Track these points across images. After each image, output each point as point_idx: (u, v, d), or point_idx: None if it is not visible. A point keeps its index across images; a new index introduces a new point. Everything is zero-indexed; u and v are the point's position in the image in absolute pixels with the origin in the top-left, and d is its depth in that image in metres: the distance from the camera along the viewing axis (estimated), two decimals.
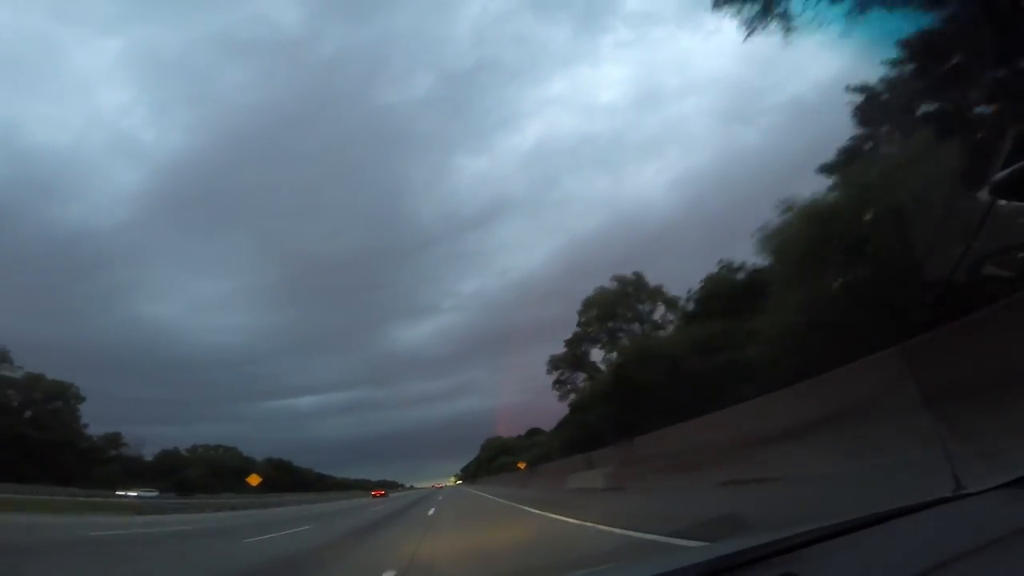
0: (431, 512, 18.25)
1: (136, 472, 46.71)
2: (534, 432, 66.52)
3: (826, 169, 12.40)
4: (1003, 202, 1.43)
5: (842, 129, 11.71)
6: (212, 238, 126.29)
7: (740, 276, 20.04)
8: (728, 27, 9.86)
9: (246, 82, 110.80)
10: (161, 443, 62.30)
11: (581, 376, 32.72)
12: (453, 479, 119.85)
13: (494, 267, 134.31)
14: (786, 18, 9.34)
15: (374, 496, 73.32)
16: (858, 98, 11.23)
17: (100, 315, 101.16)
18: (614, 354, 26.88)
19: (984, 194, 1.59)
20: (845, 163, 11.64)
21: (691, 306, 23.87)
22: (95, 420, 46.69)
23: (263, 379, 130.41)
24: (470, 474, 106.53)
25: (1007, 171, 1.26)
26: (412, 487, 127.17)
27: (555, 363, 34.11)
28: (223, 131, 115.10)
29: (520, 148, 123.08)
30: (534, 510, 12.93)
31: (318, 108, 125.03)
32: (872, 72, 10.49)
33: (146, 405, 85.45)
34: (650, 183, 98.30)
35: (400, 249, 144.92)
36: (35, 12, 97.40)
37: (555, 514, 10.76)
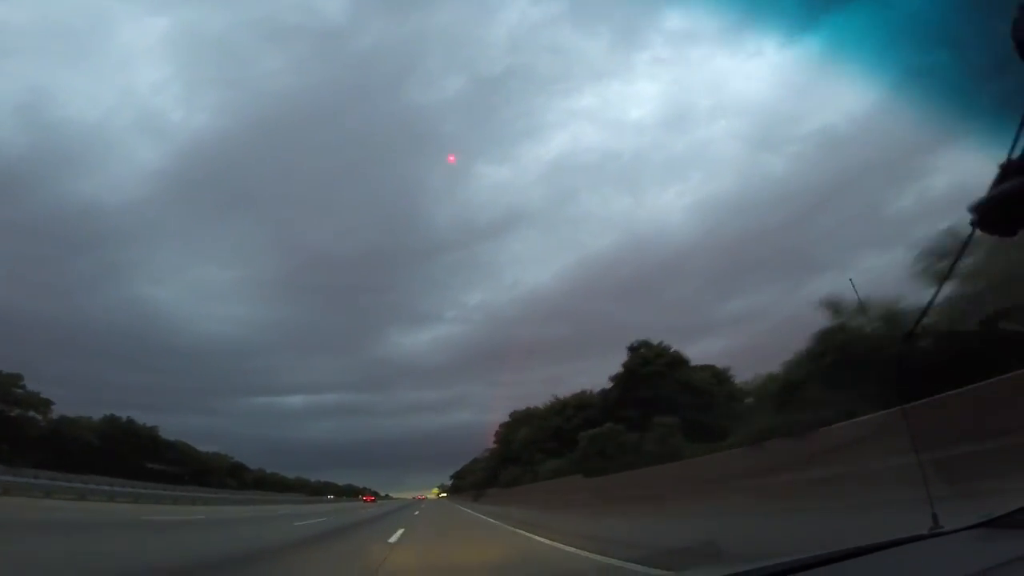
0: None
1: None
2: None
3: None
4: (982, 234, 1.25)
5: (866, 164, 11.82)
6: (221, 225, 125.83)
7: None
8: (768, 49, 9.97)
9: (279, 69, 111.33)
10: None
11: None
12: (436, 491, 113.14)
13: (502, 280, 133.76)
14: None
15: (365, 501, 75.12)
16: None
17: (96, 292, 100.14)
18: None
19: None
20: None
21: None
22: (63, 402, 43.08)
23: (254, 374, 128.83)
24: (472, 483, 60.99)
25: (984, 198, 1.17)
26: (388, 496, 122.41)
27: None
28: (248, 117, 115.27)
29: (542, 159, 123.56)
30: None
31: (345, 101, 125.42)
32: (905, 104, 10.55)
33: (127, 388, 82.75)
34: (668, 206, 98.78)
35: (410, 253, 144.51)
36: None
37: None
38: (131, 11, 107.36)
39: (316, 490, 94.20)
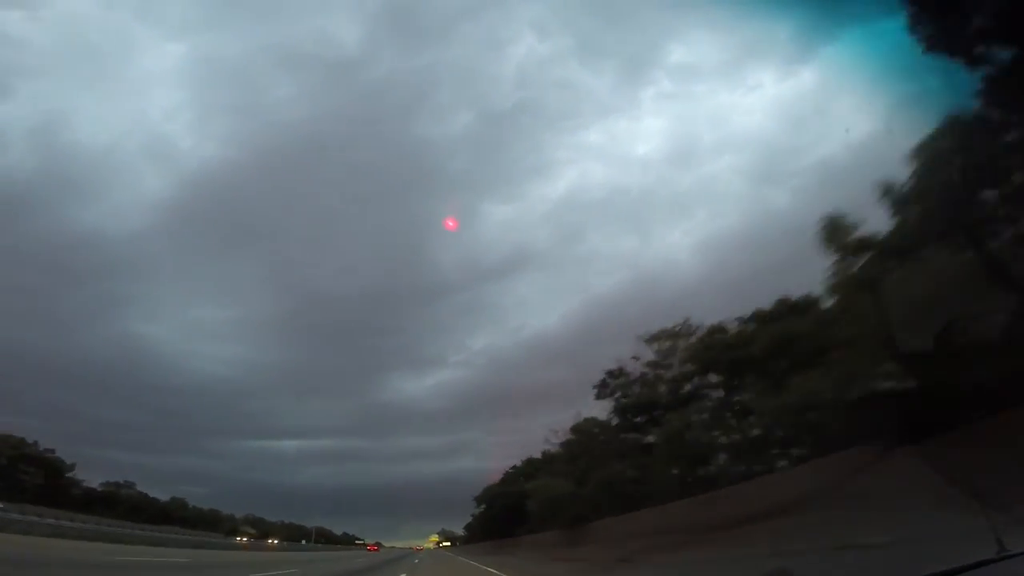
0: None
1: None
2: None
3: None
4: None
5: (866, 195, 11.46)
6: (221, 260, 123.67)
7: None
8: (768, 81, 10.20)
9: (290, 98, 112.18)
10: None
11: None
12: (435, 538, 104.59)
13: (508, 323, 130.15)
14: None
15: (369, 550, 73.36)
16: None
17: (89, 326, 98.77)
18: None
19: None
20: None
21: None
22: (53, 436, 40.20)
23: (248, 417, 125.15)
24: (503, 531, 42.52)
25: None
26: (380, 544, 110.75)
27: None
28: (255, 147, 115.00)
29: (549, 198, 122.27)
30: None
31: (354, 133, 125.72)
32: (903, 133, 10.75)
33: (115, 427, 79.49)
34: (675, 245, 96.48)
35: (413, 294, 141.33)
36: (123, 8, 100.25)
37: None
38: (152, 35, 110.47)
39: (267, 534, 72.57)
